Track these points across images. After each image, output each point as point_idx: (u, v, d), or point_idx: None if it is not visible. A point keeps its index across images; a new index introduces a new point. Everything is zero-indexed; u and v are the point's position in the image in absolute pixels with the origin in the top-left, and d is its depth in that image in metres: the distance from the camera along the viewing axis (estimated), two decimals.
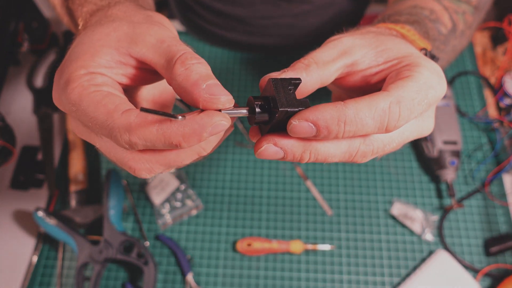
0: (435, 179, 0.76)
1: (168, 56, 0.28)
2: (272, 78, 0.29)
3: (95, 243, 0.67)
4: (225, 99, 0.27)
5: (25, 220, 0.73)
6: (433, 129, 0.75)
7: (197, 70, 0.27)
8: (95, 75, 0.29)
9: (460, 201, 0.73)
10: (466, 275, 0.67)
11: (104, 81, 0.29)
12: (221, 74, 0.87)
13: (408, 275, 0.68)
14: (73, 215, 0.69)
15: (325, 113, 0.27)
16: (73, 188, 0.74)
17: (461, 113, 0.81)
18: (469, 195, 0.74)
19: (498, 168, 0.76)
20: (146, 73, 0.32)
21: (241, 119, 0.82)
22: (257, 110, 0.29)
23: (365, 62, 0.33)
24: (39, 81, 0.84)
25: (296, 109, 0.28)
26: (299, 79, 0.29)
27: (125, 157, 0.29)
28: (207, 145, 0.29)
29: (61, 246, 0.70)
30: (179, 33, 0.91)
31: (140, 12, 0.34)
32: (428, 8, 0.53)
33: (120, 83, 0.31)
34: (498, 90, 0.83)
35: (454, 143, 0.74)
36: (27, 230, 0.72)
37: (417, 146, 0.78)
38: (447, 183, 0.73)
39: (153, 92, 0.38)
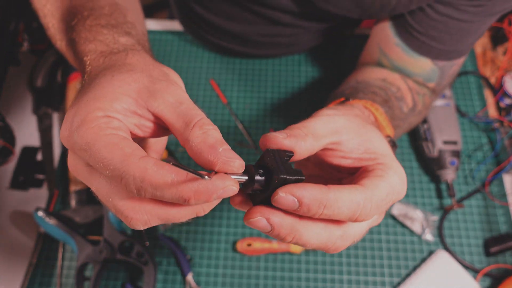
0: (435, 179, 0.76)
1: (186, 118, 0.30)
2: (270, 149, 0.32)
3: (95, 243, 0.67)
4: (239, 163, 0.29)
5: (25, 220, 0.73)
6: (434, 129, 0.75)
7: (213, 135, 0.29)
8: (112, 119, 0.29)
9: (460, 201, 0.73)
10: (466, 275, 0.67)
11: (119, 126, 0.30)
12: (221, 75, 0.87)
13: (408, 275, 0.68)
14: (73, 215, 0.69)
15: (310, 192, 0.30)
16: (73, 188, 0.74)
17: (461, 113, 0.81)
18: (469, 195, 0.74)
19: (498, 168, 0.76)
20: (157, 127, 0.33)
21: (240, 118, 0.82)
22: (257, 177, 0.31)
23: (349, 146, 0.36)
24: (39, 81, 0.84)
25: (293, 178, 0.30)
26: (292, 153, 0.33)
27: (124, 205, 0.29)
28: (207, 207, 0.30)
29: (61, 246, 0.71)
30: (179, 33, 0.91)
31: (157, 67, 0.35)
32: (395, 85, 0.61)
33: (131, 132, 0.31)
34: (498, 90, 0.83)
35: (454, 143, 0.74)
36: (27, 230, 0.72)
37: (417, 146, 0.78)
38: (447, 183, 0.73)
39: (154, 140, 0.40)
